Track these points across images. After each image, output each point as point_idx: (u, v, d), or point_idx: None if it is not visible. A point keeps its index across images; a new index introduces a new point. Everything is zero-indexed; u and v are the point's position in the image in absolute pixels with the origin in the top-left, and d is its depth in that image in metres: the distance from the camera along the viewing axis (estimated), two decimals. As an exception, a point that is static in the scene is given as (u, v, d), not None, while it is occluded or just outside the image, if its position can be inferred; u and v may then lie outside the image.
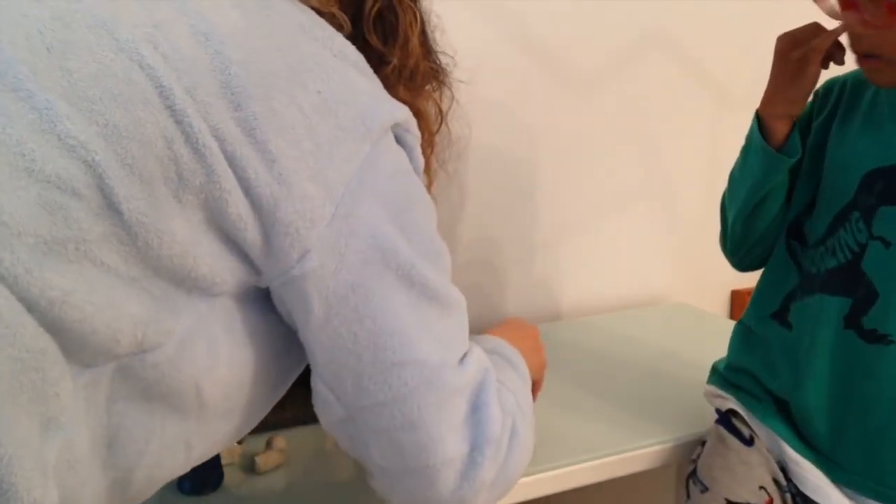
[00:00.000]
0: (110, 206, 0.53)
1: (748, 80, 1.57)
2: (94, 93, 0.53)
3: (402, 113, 0.64)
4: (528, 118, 1.39)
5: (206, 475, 0.87)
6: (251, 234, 0.58)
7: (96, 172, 0.52)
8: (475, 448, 0.64)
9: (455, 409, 0.63)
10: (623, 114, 1.47)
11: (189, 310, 0.57)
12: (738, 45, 1.54)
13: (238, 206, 0.56)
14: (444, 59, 0.83)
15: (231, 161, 0.56)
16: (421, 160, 0.67)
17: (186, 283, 0.57)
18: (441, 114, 0.83)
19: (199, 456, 0.64)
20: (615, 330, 1.39)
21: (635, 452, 0.96)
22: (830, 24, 0.92)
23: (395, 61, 0.73)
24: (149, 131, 0.54)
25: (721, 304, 1.63)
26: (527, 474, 0.90)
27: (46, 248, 0.50)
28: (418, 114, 0.74)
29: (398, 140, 0.64)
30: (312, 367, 0.64)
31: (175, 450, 0.61)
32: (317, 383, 0.64)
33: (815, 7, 0.92)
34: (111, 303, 0.53)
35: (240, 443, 0.95)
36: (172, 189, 0.55)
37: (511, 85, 1.37)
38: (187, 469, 0.64)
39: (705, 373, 1.05)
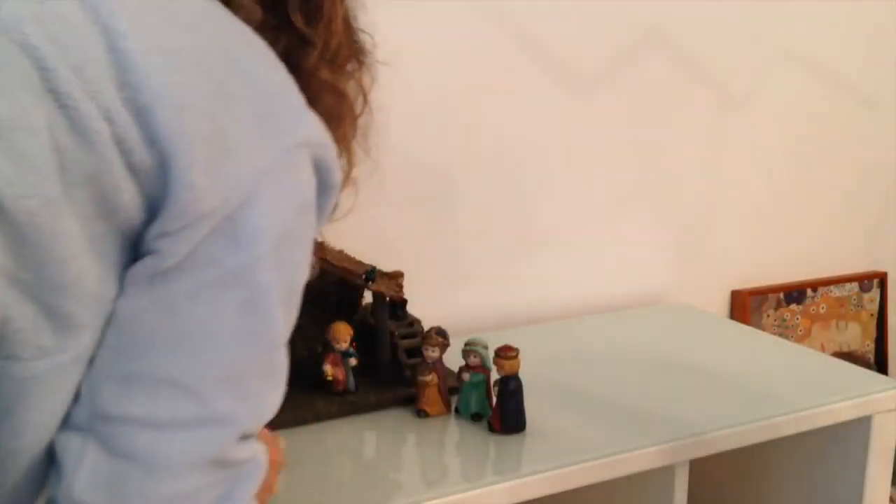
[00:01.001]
0: None
1: (748, 80, 1.57)
2: None
3: (314, 127, 0.58)
4: (527, 118, 1.39)
5: None
6: (139, 224, 0.52)
7: None
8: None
9: (198, 477, 0.54)
10: (623, 114, 1.47)
11: (84, 333, 0.52)
12: (738, 45, 1.54)
13: (130, 194, 0.51)
14: (364, 40, 0.76)
15: (120, 144, 0.50)
16: (339, 177, 0.60)
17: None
18: (365, 95, 0.75)
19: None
20: (615, 330, 1.39)
21: (635, 452, 0.95)
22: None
23: (319, 43, 0.66)
24: (34, 119, 0.49)
25: (721, 304, 1.63)
26: (527, 474, 0.90)
27: None
28: (341, 94, 0.69)
29: (315, 161, 0.58)
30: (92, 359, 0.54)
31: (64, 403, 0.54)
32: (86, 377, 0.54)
33: (814, 6, 0.92)
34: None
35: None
36: (62, 182, 0.49)
37: (511, 85, 1.37)
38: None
39: (705, 373, 1.05)
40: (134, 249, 0.54)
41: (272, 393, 0.58)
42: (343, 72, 0.71)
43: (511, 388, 0.97)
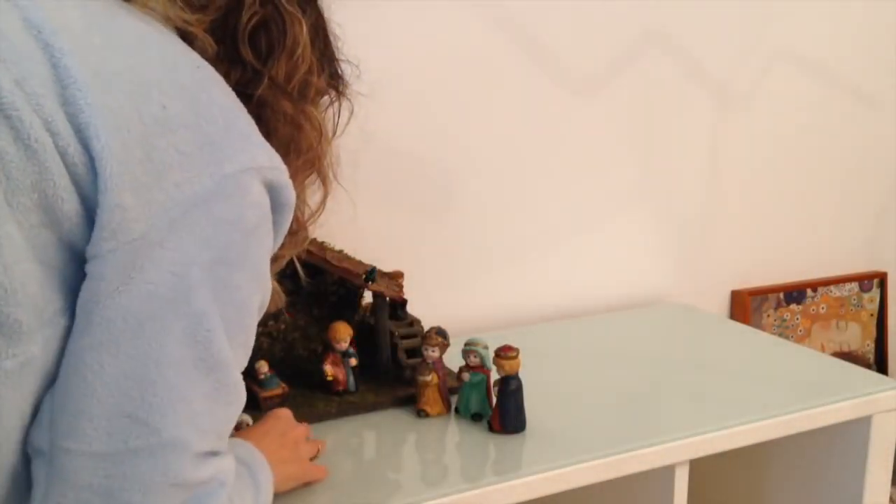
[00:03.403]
0: None
1: (748, 80, 1.57)
2: None
3: (262, 154, 0.59)
4: (527, 118, 1.39)
5: None
6: (83, 238, 0.54)
7: None
8: None
9: (160, 502, 0.55)
10: (623, 114, 1.47)
11: (32, 338, 0.53)
12: (738, 45, 1.54)
13: (73, 203, 0.53)
14: (346, 70, 0.79)
15: (63, 157, 0.52)
16: (291, 196, 0.62)
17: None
18: (321, 129, 0.75)
19: None
20: (615, 330, 1.39)
21: (635, 452, 0.95)
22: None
23: (274, 75, 0.68)
24: None
25: (721, 304, 1.63)
26: (527, 474, 0.90)
27: None
28: (299, 127, 0.70)
29: (266, 183, 0.59)
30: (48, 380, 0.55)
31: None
32: (43, 398, 0.55)
33: (814, 6, 0.92)
34: None
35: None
36: (4, 190, 0.51)
37: (511, 85, 1.37)
38: None
39: (705, 373, 1.05)
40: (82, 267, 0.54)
41: (225, 410, 0.59)
42: (309, 103, 0.72)
43: (511, 388, 0.97)
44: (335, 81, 0.78)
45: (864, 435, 1.11)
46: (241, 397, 0.60)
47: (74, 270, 0.55)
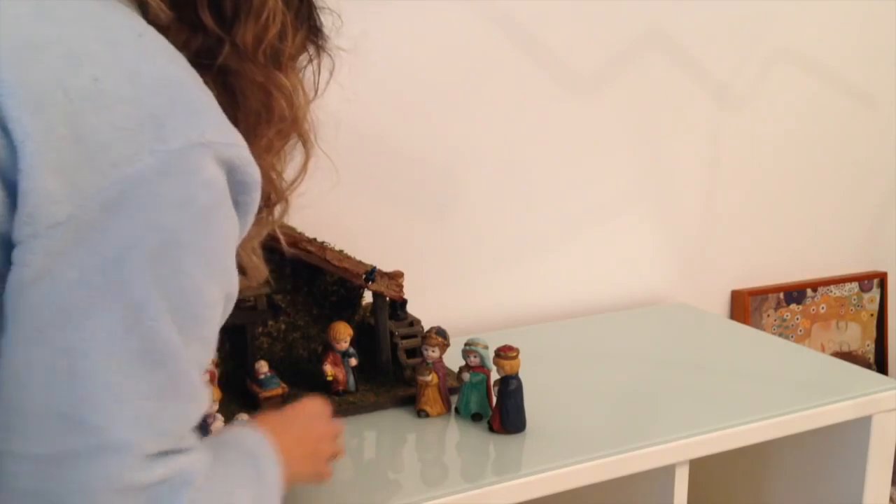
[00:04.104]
0: None
1: (748, 79, 1.57)
2: None
3: (216, 129, 0.54)
4: (527, 118, 1.39)
5: None
6: (6, 224, 0.49)
7: None
8: None
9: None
10: (623, 113, 1.47)
11: None
12: (738, 45, 1.54)
13: None
14: (325, 23, 0.72)
15: None
16: (253, 174, 0.56)
17: None
18: (306, 93, 0.70)
19: None
20: (615, 330, 1.39)
21: (635, 452, 0.95)
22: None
23: (241, 41, 0.62)
24: None
25: (721, 304, 1.63)
26: (527, 474, 0.90)
27: None
28: (268, 93, 0.65)
29: (222, 160, 0.54)
30: None
31: None
32: None
33: (814, 6, 0.92)
34: None
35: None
36: None
37: (511, 85, 1.37)
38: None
39: (705, 373, 1.05)
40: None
41: (181, 407, 0.54)
42: (282, 68, 0.66)
43: (511, 388, 0.97)
44: (314, 37, 0.71)
45: (864, 435, 1.11)
46: (200, 395, 0.55)
47: (2, 260, 0.50)
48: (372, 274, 1.06)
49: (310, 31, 0.70)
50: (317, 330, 1.11)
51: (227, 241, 0.56)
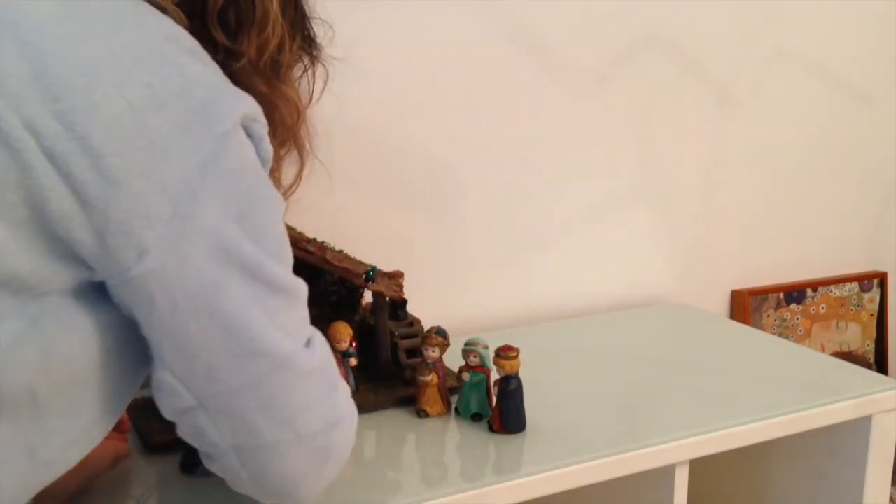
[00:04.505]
0: None
1: (748, 79, 1.57)
2: None
3: (248, 104, 0.61)
4: (527, 118, 1.39)
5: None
6: (80, 232, 0.54)
7: None
8: (332, 424, 0.67)
9: (310, 390, 0.65)
10: (623, 113, 1.47)
11: (15, 313, 0.55)
12: (738, 45, 1.54)
13: (62, 203, 0.53)
14: (319, 33, 0.77)
15: (51, 157, 0.52)
16: (270, 150, 0.64)
17: (10, 285, 0.54)
18: (302, 102, 0.76)
19: (50, 459, 0.61)
20: (615, 330, 1.39)
21: (635, 452, 0.95)
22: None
23: (247, 54, 0.68)
24: None
25: (721, 304, 1.63)
26: (527, 474, 0.90)
27: None
28: (273, 106, 0.70)
29: (247, 132, 0.61)
30: (157, 358, 0.62)
31: (15, 456, 0.58)
32: (162, 374, 0.62)
33: (814, 6, 0.92)
34: None
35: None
36: None
37: (511, 85, 1.37)
38: (42, 477, 0.62)
39: (705, 373, 1.05)
40: (79, 257, 0.56)
41: (300, 311, 0.66)
42: (283, 78, 0.72)
43: (511, 388, 0.97)
44: (308, 46, 0.76)
45: (864, 435, 1.11)
46: (303, 289, 0.66)
47: (63, 267, 0.56)
48: (372, 274, 1.06)
49: (304, 41, 0.75)
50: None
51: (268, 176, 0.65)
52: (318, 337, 0.68)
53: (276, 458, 0.65)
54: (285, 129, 0.74)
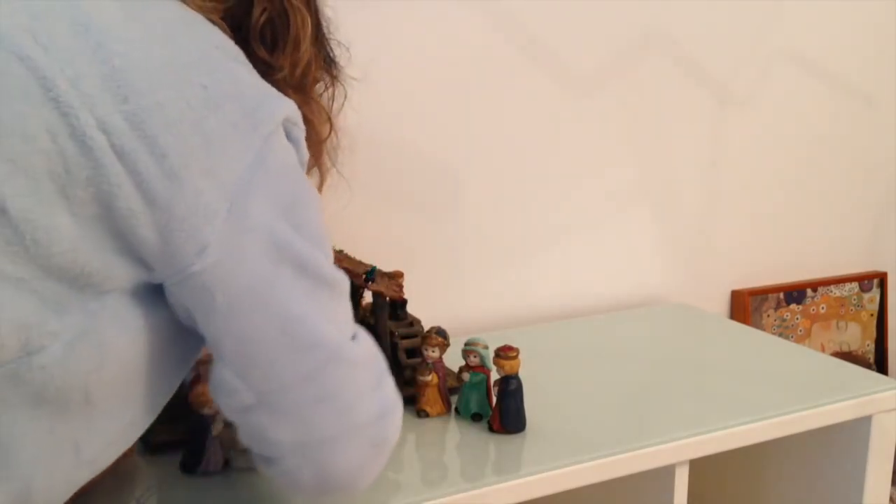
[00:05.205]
0: None
1: (748, 80, 1.57)
2: None
3: (290, 107, 0.64)
4: (527, 118, 1.39)
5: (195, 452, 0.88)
6: (145, 229, 0.57)
7: None
8: (383, 413, 0.69)
9: (362, 379, 0.67)
10: (623, 113, 1.47)
11: (77, 308, 0.56)
12: (738, 45, 1.54)
13: (129, 201, 0.55)
14: (338, 54, 0.82)
15: (120, 155, 0.54)
16: (306, 153, 0.67)
17: (78, 280, 0.56)
18: (329, 119, 0.82)
19: (92, 458, 0.63)
20: (615, 330, 1.39)
21: (635, 452, 0.95)
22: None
23: (284, 69, 0.72)
24: (31, 125, 0.52)
25: (721, 304, 1.63)
26: (527, 474, 0.90)
27: None
28: (307, 121, 0.73)
29: (287, 134, 0.64)
30: (216, 357, 0.64)
31: (62, 453, 0.60)
32: (222, 372, 0.64)
33: (814, 6, 0.92)
34: None
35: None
36: (59, 184, 0.54)
37: (511, 85, 1.37)
38: (84, 474, 0.64)
39: (705, 372, 1.05)
40: (144, 253, 0.58)
41: (346, 305, 0.68)
42: (311, 93, 0.76)
43: (511, 388, 0.97)
44: (329, 66, 0.81)
45: (864, 435, 1.11)
46: (346, 282, 0.68)
47: (126, 265, 0.58)
48: (372, 274, 1.06)
49: (325, 61, 0.79)
50: (317, 330, 1.11)
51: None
52: (362, 330, 0.70)
53: (335, 451, 0.66)
54: (318, 142, 0.78)
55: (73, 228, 0.54)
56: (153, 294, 0.61)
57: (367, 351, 0.69)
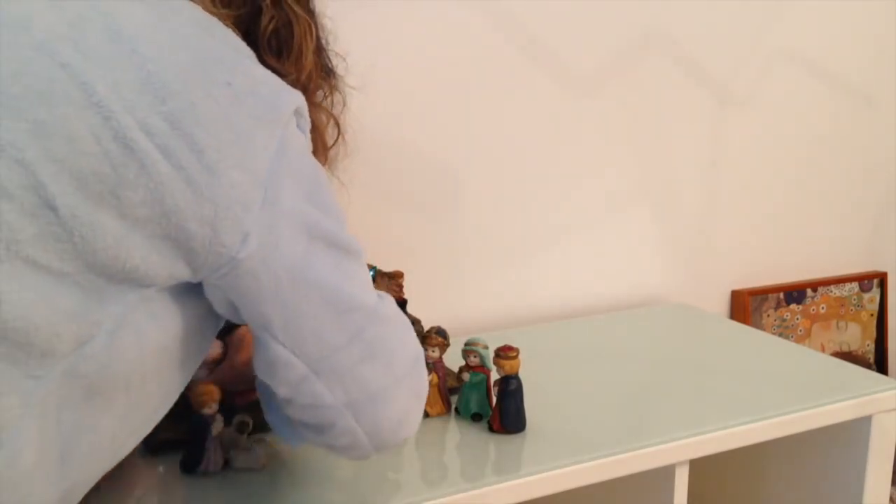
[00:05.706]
0: (45, 205, 0.53)
1: (748, 80, 1.57)
2: (16, 90, 0.53)
3: (300, 98, 0.67)
4: (527, 118, 1.39)
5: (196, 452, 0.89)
6: (193, 223, 0.59)
7: (29, 171, 0.53)
8: (417, 357, 0.75)
9: (395, 333, 0.73)
10: (623, 114, 1.47)
11: (117, 299, 0.58)
12: (738, 45, 1.54)
13: (176, 197, 0.58)
14: (336, 63, 0.86)
15: (165, 154, 0.57)
16: (310, 144, 0.71)
17: (119, 276, 0.58)
18: (336, 121, 0.87)
19: (119, 447, 0.66)
20: (615, 330, 1.39)
21: (635, 452, 0.95)
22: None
23: (291, 75, 0.76)
24: (76, 127, 0.54)
25: (721, 304, 1.63)
26: (527, 474, 0.90)
27: None
28: (318, 131, 0.78)
29: (296, 124, 0.67)
30: (266, 338, 0.68)
31: (105, 447, 0.63)
32: (275, 349, 0.67)
33: (814, 6, 0.92)
34: (44, 298, 0.54)
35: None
36: (108, 185, 0.55)
37: (511, 85, 1.37)
38: (110, 465, 0.66)
39: (705, 372, 1.05)
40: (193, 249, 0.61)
41: (366, 272, 0.73)
42: (313, 102, 0.80)
43: (511, 388, 0.97)
44: (327, 75, 0.84)
45: (864, 435, 1.11)
46: (362, 249, 0.72)
47: (171, 264, 0.60)
48: (372, 274, 1.06)
49: (324, 69, 0.82)
50: (317, 330, 1.11)
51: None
52: (381, 292, 0.75)
53: (385, 404, 0.71)
54: (324, 149, 0.82)
55: (119, 228, 0.56)
56: (185, 289, 0.64)
57: (394, 308, 0.74)
